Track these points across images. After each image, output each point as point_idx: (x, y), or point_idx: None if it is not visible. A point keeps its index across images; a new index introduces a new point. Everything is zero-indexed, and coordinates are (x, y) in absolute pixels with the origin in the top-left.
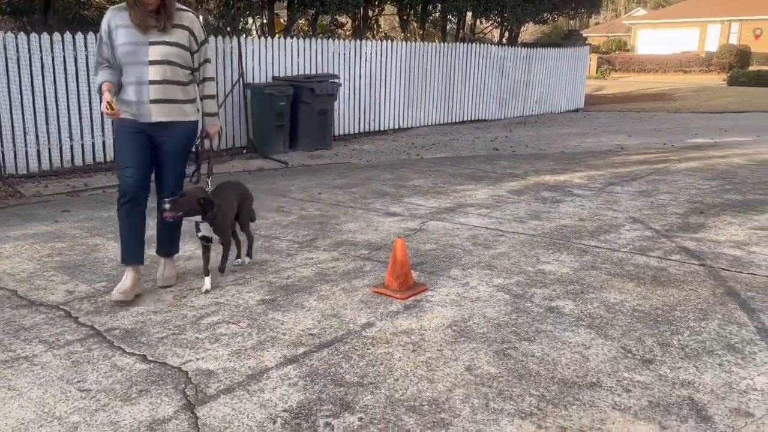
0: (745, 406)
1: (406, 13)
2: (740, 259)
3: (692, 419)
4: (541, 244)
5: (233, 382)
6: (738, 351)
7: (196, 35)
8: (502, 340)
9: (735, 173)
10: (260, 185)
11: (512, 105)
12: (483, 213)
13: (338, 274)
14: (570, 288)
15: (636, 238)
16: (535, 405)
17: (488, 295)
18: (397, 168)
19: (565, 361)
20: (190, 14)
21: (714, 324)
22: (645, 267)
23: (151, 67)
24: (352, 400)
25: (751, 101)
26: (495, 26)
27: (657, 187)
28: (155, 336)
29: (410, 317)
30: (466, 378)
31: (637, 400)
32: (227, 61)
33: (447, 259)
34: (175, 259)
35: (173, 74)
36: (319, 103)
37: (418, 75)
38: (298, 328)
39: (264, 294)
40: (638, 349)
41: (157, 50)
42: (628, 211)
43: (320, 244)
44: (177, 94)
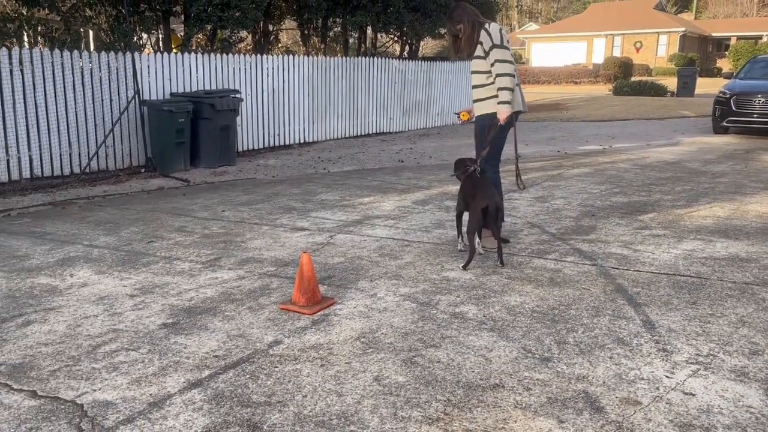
0: (634, 395)
1: (307, 27)
2: (627, 257)
3: (587, 411)
4: (445, 252)
5: (133, 412)
6: (626, 344)
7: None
8: (410, 348)
9: (622, 177)
10: (160, 205)
11: (415, 117)
12: (389, 224)
13: (244, 292)
14: (473, 293)
15: (534, 242)
16: (442, 410)
17: (395, 305)
18: (304, 182)
19: (470, 365)
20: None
21: (605, 320)
22: (542, 269)
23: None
24: (259, 421)
25: (634, 110)
26: (395, 41)
27: (552, 192)
28: (46, 369)
29: (318, 332)
30: (375, 388)
31: (537, 397)
32: (121, 78)
33: (355, 271)
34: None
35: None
36: (220, 119)
37: (321, 89)
38: (202, 351)
39: (165, 317)
40: (537, 348)
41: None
42: (525, 217)
43: (225, 263)
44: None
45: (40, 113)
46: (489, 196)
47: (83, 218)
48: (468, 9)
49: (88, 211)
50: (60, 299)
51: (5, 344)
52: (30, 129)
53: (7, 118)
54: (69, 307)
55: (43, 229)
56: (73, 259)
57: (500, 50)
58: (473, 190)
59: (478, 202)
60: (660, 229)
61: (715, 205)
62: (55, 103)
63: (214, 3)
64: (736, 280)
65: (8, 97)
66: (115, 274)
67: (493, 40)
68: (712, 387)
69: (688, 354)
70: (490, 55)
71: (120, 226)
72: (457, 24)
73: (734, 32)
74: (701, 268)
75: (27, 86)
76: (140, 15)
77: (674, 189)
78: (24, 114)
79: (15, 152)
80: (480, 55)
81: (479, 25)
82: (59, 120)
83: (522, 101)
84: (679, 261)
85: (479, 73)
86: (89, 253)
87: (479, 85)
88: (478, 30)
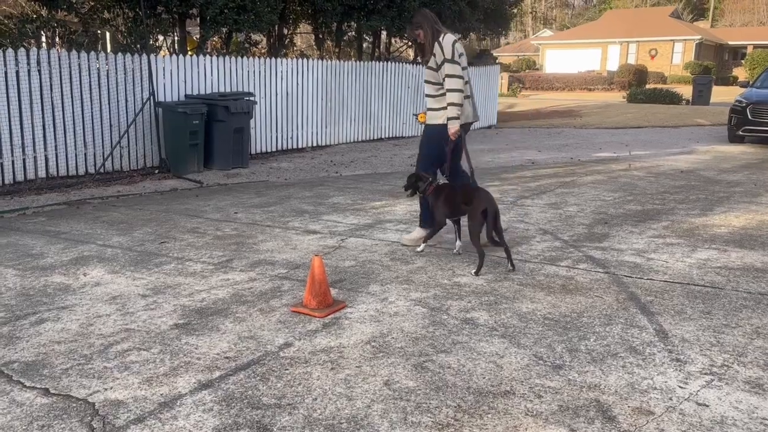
0: (647, 405)
1: (321, 31)
2: (640, 265)
3: (599, 420)
4: (456, 258)
5: (144, 412)
6: (639, 353)
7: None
8: (420, 353)
9: (635, 185)
10: (173, 206)
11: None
12: (401, 228)
13: (255, 294)
14: (484, 299)
15: (546, 248)
16: (452, 416)
17: (406, 310)
18: (316, 186)
19: (480, 371)
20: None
21: (617, 328)
22: (554, 276)
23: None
24: (269, 423)
25: (648, 117)
26: (409, 45)
27: (565, 199)
28: (59, 368)
29: (329, 335)
30: (385, 393)
31: (548, 405)
32: (137, 79)
33: (366, 275)
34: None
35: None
36: (234, 121)
37: (335, 93)
38: (213, 352)
39: (177, 318)
40: (549, 355)
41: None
42: (538, 223)
43: (236, 264)
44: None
45: (57, 113)
46: (487, 200)
47: (97, 218)
48: (428, 15)
49: (102, 211)
50: (73, 298)
51: (19, 342)
52: (46, 129)
53: (25, 118)
54: (82, 306)
55: (58, 228)
56: (87, 259)
57: (451, 65)
58: (465, 196)
59: (477, 206)
60: (674, 238)
61: (731, 214)
62: (71, 103)
63: (229, 6)
64: (751, 291)
65: (26, 97)
66: (127, 274)
67: (444, 54)
68: (726, 398)
69: (702, 364)
70: (442, 68)
71: (133, 227)
72: (416, 29)
73: (751, 40)
74: (716, 277)
75: (44, 86)
76: (157, 17)
77: (689, 197)
78: (41, 114)
79: (31, 152)
80: (432, 66)
81: (436, 34)
82: (75, 120)
83: (473, 111)
84: (693, 270)
85: (430, 83)
86: (102, 252)
87: (430, 95)
88: (435, 39)
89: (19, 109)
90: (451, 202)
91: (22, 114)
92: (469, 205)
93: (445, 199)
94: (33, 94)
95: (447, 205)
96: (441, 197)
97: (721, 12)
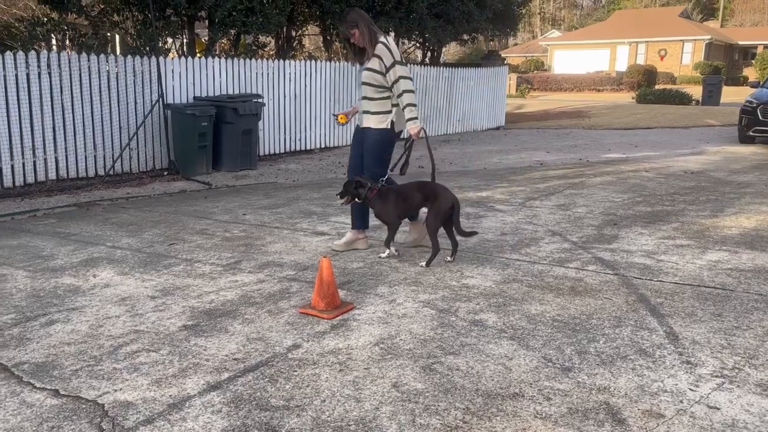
0: (657, 408)
1: (329, 33)
2: (650, 267)
3: (608, 423)
4: (465, 259)
5: (153, 413)
6: (649, 355)
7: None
8: (428, 355)
9: (645, 186)
10: (182, 207)
11: (436, 123)
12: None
13: (263, 296)
14: (493, 301)
15: (555, 250)
16: (461, 418)
17: (414, 311)
18: (324, 187)
19: (489, 373)
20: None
21: (627, 330)
22: (563, 278)
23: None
24: (277, 425)
25: (658, 118)
26: (417, 47)
27: (574, 200)
28: (69, 369)
29: (337, 337)
30: (393, 395)
31: (557, 407)
32: (146, 81)
33: (374, 276)
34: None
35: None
36: (242, 123)
37: (343, 94)
38: (221, 354)
39: (186, 319)
40: (558, 358)
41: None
42: (547, 225)
43: (245, 266)
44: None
45: (67, 116)
46: (450, 197)
47: (107, 220)
48: (364, 15)
49: (111, 213)
50: (83, 299)
51: (29, 343)
52: (57, 131)
53: (35, 121)
54: (92, 307)
55: (68, 229)
56: (97, 260)
57: (402, 67)
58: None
59: (442, 203)
60: (684, 239)
61: (741, 215)
62: (81, 106)
63: (238, 8)
64: (763, 293)
65: (36, 99)
66: (137, 275)
67: (394, 56)
68: (738, 401)
69: (713, 367)
70: (392, 71)
71: (142, 228)
72: (352, 29)
73: (761, 40)
74: (726, 279)
75: (54, 89)
76: (166, 20)
77: (699, 198)
78: (51, 116)
79: (42, 154)
80: (375, 69)
81: (374, 35)
82: (85, 123)
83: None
84: (703, 272)
85: (371, 86)
86: (112, 254)
87: (370, 98)
88: (374, 40)
89: (29, 111)
90: (401, 203)
91: (32, 116)
92: (431, 202)
93: (395, 200)
94: (43, 97)
95: (397, 206)
96: (389, 200)
97: (731, 12)
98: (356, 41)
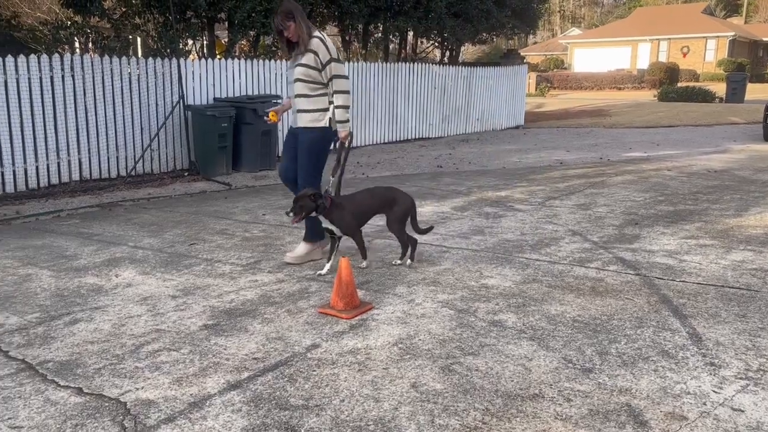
0: (679, 410)
1: (348, 33)
2: (672, 267)
3: (630, 425)
4: (484, 259)
5: (174, 411)
6: (672, 356)
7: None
8: (447, 355)
9: (667, 185)
10: (203, 208)
11: (455, 123)
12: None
13: (283, 296)
14: (512, 301)
15: (575, 250)
16: (480, 419)
17: (433, 312)
18: (343, 187)
19: (509, 374)
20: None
21: (649, 331)
22: (584, 278)
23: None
24: (297, 424)
25: (680, 116)
26: (436, 46)
27: (594, 200)
28: (92, 367)
29: (356, 337)
30: (412, 395)
31: (578, 409)
32: (167, 83)
33: (393, 276)
34: (313, 245)
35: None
36: (262, 124)
37: (361, 94)
38: (241, 353)
39: (206, 319)
40: (578, 359)
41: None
42: (567, 224)
43: (264, 266)
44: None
45: (90, 118)
46: (408, 198)
47: (128, 220)
48: (299, 7)
49: (133, 213)
50: (105, 299)
51: (53, 342)
52: (80, 133)
53: (59, 122)
54: (114, 306)
55: (91, 230)
56: (119, 260)
57: (339, 64)
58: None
59: (403, 206)
60: (707, 239)
61: (766, 214)
62: (103, 107)
63: (257, 10)
64: None
65: (60, 101)
66: (158, 275)
67: (331, 53)
68: (763, 403)
69: (737, 369)
70: (329, 68)
71: (164, 228)
72: (288, 20)
73: None
74: (751, 279)
75: (78, 91)
76: (186, 22)
77: (722, 198)
78: (75, 118)
79: (65, 155)
80: (310, 65)
81: (309, 29)
82: (107, 124)
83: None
84: (727, 272)
85: (305, 82)
86: (134, 254)
87: (305, 95)
88: (309, 34)
89: (53, 113)
90: (360, 211)
91: (56, 118)
92: (390, 207)
93: (354, 209)
94: (67, 99)
95: (357, 215)
96: (348, 209)
97: (755, 8)
98: (290, 35)
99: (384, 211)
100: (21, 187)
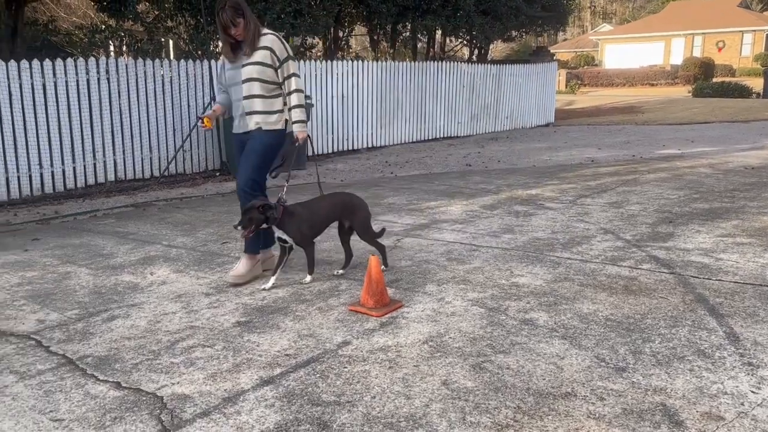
0: (716, 410)
1: (376, 33)
2: (708, 266)
3: (665, 425)
4: (514, 258)
5: (209, 406)
6: (708, 356)
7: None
8: (478, 353)
9: (702, 182)
10: (234, 207)
11: (484, 121)
12: (457, 228)
13: (314, 293)
14: (543, 300)
15: (607, 248)
16: (512, 417)
17: (463, 310)
18: (371, 186)
19: (540, 372)
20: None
21: (684, 330)
22: (617, 277)
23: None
24: (329, 420)
25: (715, 112)
26: (464, 44)
27: (627, 198)
28: (129, 362)
29: (386, 334)
30: (443, 393)
31: (611, 408)
32: (198, 84)
33: (422, 275)
34: (255, 258)
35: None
36: None
37: (390, 94)
38: (274, 349)
39: (239, 316)
40: (611, 357)
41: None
42: (599, 223)
43: (295, 264)
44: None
45: (124, 119)
46: (365, 204)
47: (162, 219)
48: (245, 3)
49: (166, 213)
50: (141, 296)
51: (92, 337)
52: (115, 134)
53: (95, 125)
54: (149, 303)
55: (126, 229)
56: (153, 258)
57: (295, 63)
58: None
59: (364, 212)
60: (744, 237)
61: None
62: (138, 109)
63: (287, 11)
64: None
65: (96, 104)
66: (192, 273)
67: (287, 50)
68: None
69: None
70: (285, 66)
71: (196, 228)
72: (238, 16)
73: None
74: None
75: (113, 94)
76: None
77: (761, 195)
78: (110, 120)
79: (101, 156)
80: (266, 63)
81: (258, 27)
82: (141, 126)
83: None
84: (766, 271)
85: (260, 82)
86: (168, 252)
87: (259, 96)
88: (258, 32)
89: (89, 115)
90: (317, 220)
91: (92, 120)
92: (352, 214)
93: (310, 218)
94: (102, 101)
95: (313, 225)
96: (304, 218)
97: None
98: (239, 32)
99: (343, 219)
100: (59, 187)
